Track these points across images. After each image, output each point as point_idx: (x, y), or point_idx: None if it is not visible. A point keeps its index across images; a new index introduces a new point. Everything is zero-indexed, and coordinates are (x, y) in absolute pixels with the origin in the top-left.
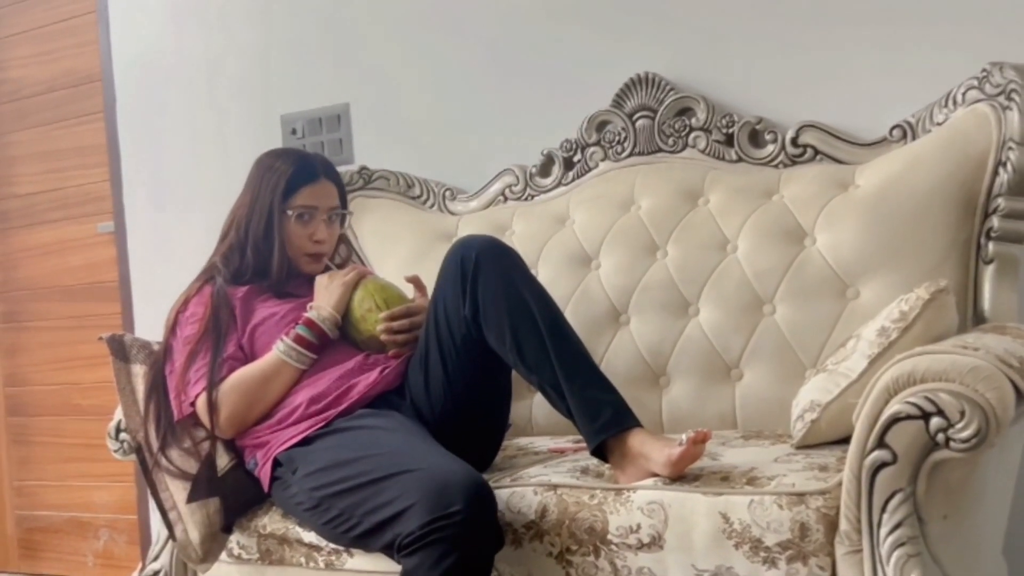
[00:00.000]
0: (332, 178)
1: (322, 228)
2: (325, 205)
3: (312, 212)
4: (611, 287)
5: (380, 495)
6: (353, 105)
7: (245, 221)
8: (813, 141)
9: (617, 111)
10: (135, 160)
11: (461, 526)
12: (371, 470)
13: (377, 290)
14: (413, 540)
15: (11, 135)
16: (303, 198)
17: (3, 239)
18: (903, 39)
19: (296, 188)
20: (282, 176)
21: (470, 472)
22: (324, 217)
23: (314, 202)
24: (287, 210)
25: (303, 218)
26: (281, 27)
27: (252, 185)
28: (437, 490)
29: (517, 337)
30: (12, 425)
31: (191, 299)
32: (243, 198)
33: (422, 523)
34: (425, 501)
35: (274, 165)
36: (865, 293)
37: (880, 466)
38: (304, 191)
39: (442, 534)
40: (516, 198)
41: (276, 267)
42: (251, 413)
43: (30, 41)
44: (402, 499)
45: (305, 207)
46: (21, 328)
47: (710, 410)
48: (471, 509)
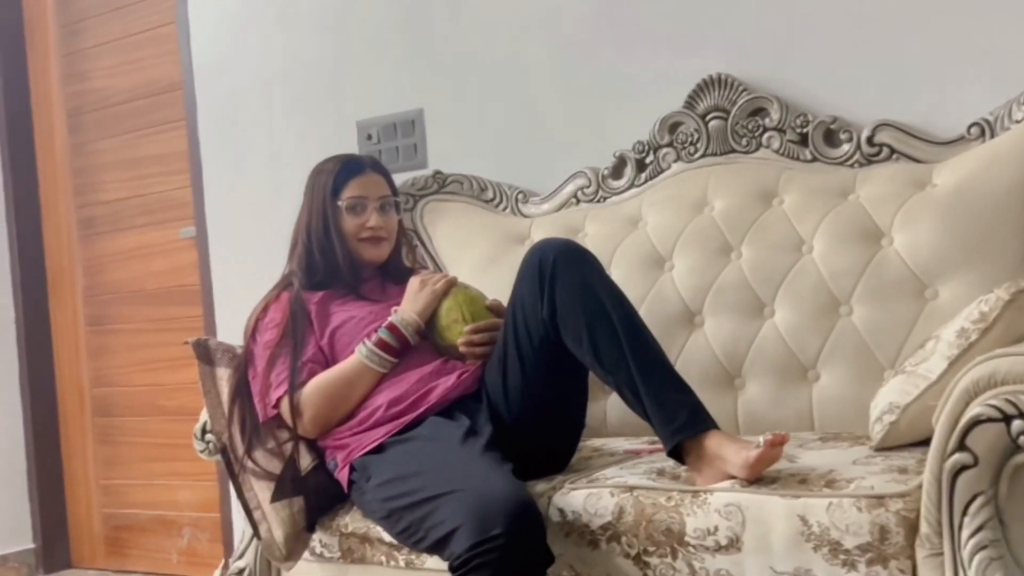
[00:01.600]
0: (379, 170)
1: (375, 216)
2: (375, 194)
3: (362, 202)
4: (685, 288)
5: (435, 514)
6: (427, 110)
7: (306, 226)
8: (889, 140)
9: (690, 112)
10: (215, 166)
11: (503, 550)
12: (428, 486)
13: (466, 302)
14: (461, 563)
15: (97, 143)
16: (351, 190)
17: (89, 244)
18: (980, 36)
19: (344, 182)
20: (330, 175)
21: (514, 492)
22: (375, 205)
23: (363, 192)
24: (339, 204)
25: (355, 209)
26: (356, 34)
27: (307, 192)
28: (480, 513)
29: (594, 338)
30: (98, 425)
31: (270, 305)
32: (302, 206)
33: (467, 547)
34: (469, 524)
35: (323, 168)
36: (944, 293)
37: (961, 469)
38: (352, 183)
39: (485, 558)
40: (588, 200)
41: (342, 262)
42: (334, 414)
43: (113, 52)
44: (451, 520)
45: (355, 197)
46: (106, 331)
47: (787, 412)
48: (513, 531)
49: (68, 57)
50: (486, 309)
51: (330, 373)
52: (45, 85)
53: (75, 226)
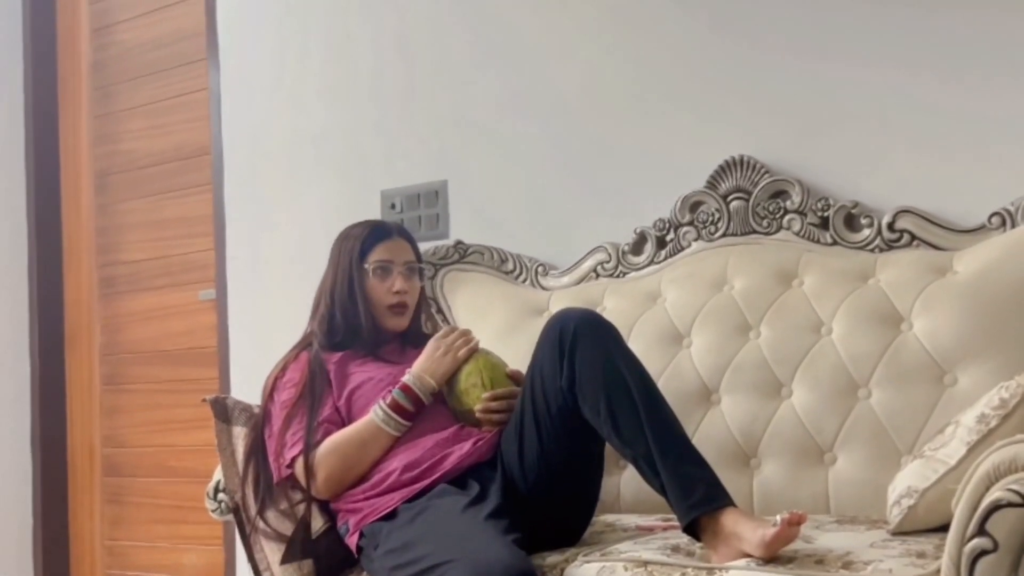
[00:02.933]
0: (405, 236)
1: (400, 280)
2: (400, 259)
3: (388, 266)
4: (703, 366)
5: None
6: (451, 181)
7: (331, 287)
8: (910, 226)
9: (711, 192)
10: (239, 230)
11: None
12: (429, 554)
13: (487, 367)
14: None
15: (122, 204)
16: (378, 254)
17: (109, 303)
18: (1001, 125)
19: (371, 247)
20: (357, 239)
21: (515, 560)
22: (401, 270)
23: (389, 256)
24: (365, 266)
25: (380, 273)
26: (383, 104)
27: (333, 255)
28: None
29: (612, 409)
30: (107, 485)
31: (289, 364)
32: (328, 269)
33: None
34: None
35: (351, 233)
36: (963, 380)
37: (980, 554)
38: (378, 248)
39: None
40: (608, 275)
41: (364, 323)
42: (348, 475)
43: (144, 115)
44: None
45: (381, 261)
46: (121, 390)
47: (803, 493)
48: None
49: (99, 119)
50: (506, 377)
51: (344, 434)
52: (75, 145)
53: (96, 285)
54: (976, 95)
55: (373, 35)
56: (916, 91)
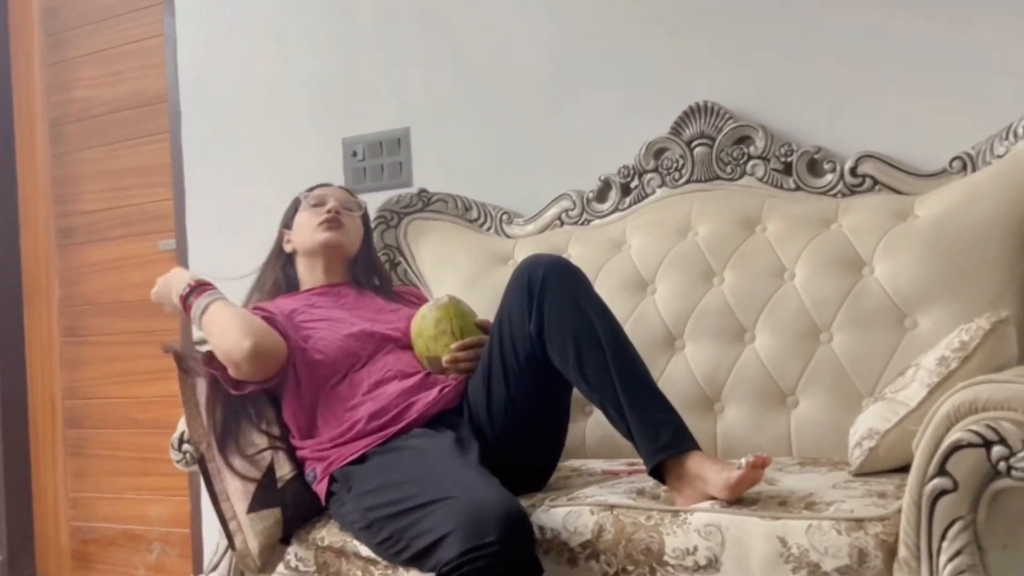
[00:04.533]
0: (346, 190)
1: (333, 203)
2: (335, 194)
3: (322, 198)
4: (667, 312)
5: (424, 521)
6: (413, 129)
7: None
8: (872, 171)
9: (675, 138)
10: (197, 180)
11: (495, 557)
12: (416, 494)
13: (457, 315)
14: (451, 570)
15: (77, 153)
16: (313, 193)
17: (66, 255)
18: (963, 70)
19: (312, 190)
20: (298, 196)
21: (507, 501)
22: (337, 200)
23: (323, 192)
24: (301, 205)
25: (316, 206)
26: (344, 52)
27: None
28: (474, 519)
29: (580, 355)
30: (69, 437)
31: None
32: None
33: (459, 552)
34: (462, 530)
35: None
36: (923, 323)
37: (940, 493)
38: (316, 190)
39: (477, 564)
40: (573, 222)
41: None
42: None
43: (98, 62)
44: (441, 526)
45: (315, 195)
46: (81, 342)
47: (765, 436)
48: (506, 539)
49: (52, 67)
50: (476, 326)
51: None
52: (28, 94)
53: (53, 236)
54: (938, 40)
55: None
56: (879, 36)
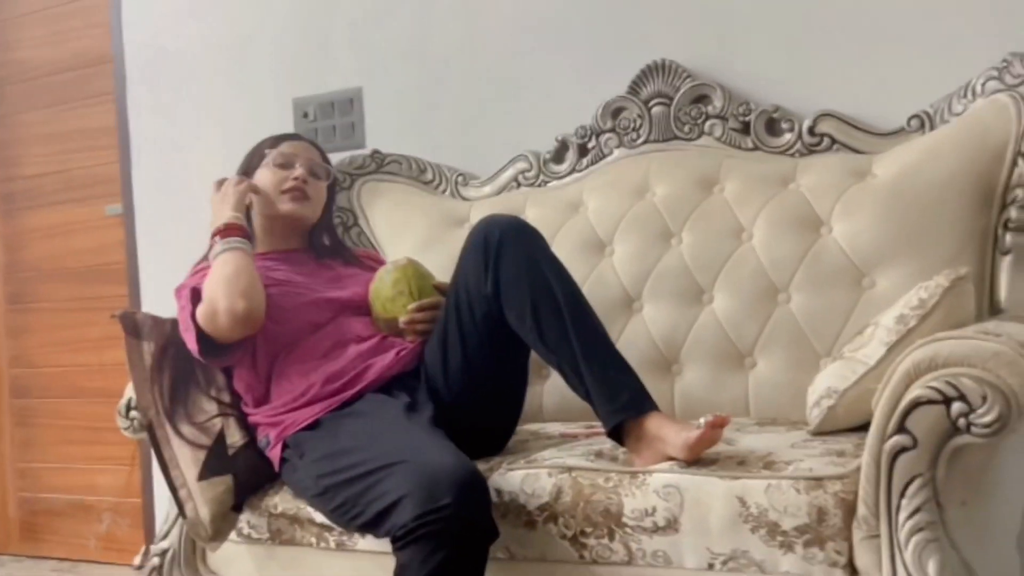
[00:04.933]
0: (313, 144)
1: (301, 171)
2: (305, 155)
3: (291, 159)
4: (625, 273)
5: (378, 485)
6: (366, 89)
7: None
8: (830, 130)
9: (632, 98)
10: (144, 143)
11: (450, 520)
12: (370, 459)
13: (415, 276)
14: (405, 533)
15: (19, 115)
16: (282, 149)
17: (9, 220)
18: (921, 29)
19: (275, 145)
20: (263, 142)
21: (462, 464)
22: (305, 164)
23: (292, 151)
24: (266, 159)
25: (283, 166)
26: (293, 10)
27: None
28: (428, 483)
29: (538, 316)
30: (16, 407)
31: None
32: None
33: (413, 516)
34: (416, 493)
35: (258, 143)
36: (881, 282)
37: (900, 451)
38: (283, 145)
39: (432, 528)
40: (529, 184)
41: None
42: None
43: (41, 22)
44: (395, 491)
45: (283, 153)
46: (26, 310)
47: (723, 397)
48: (461, 502)
49: None
50: (433, 288)
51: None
52: None
53: None
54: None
55: None
56: None
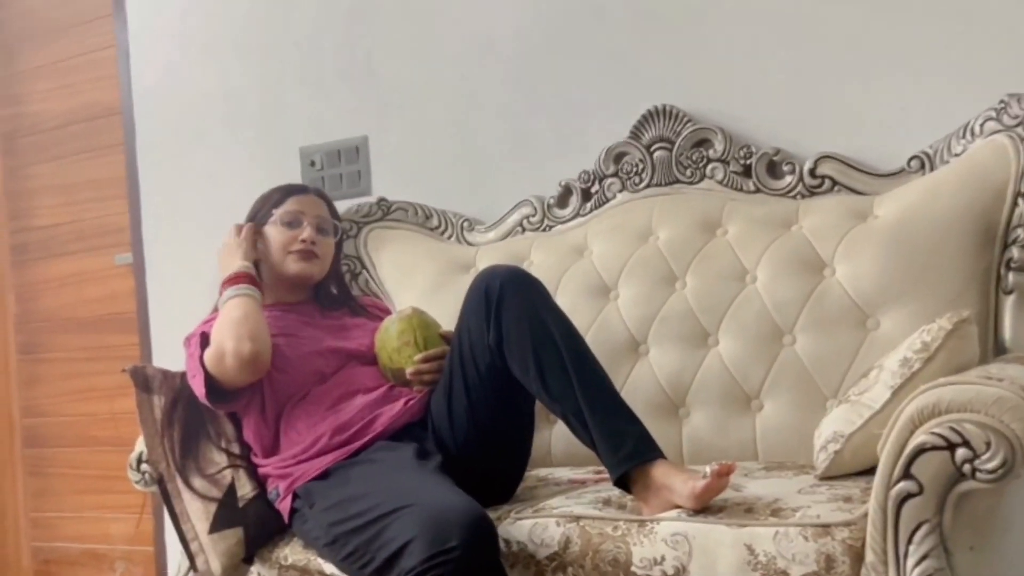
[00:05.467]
0: (322, 196)
1: (309, 231)
2: (312, 212)
3: (298, 216)
4: (630, 317)
5: (386, 531)
6: (371, 137)
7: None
8: (831, 172)
9: (635, 143)
10: (153, 192)
11: (459, 562)
12: (378, 505)
13: (420, 326)
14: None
15: (31, 167)
16: (289, 205)
17: (22, 271)
18: (920, 71)
19: (282, 200)
20: (271, 195)
21: (470, 506)
22: (313, 223)
23: (300, 207)
24: (272, 216)
25: (291, 225)
26: (299, 60)
27: (248, 215)
28: (435, 525)
29: (541, 366)
30: (29, 457)
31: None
32: None
33: (421, 559)
34: (424, 536)
35: (266, 193)
36: (885, 324)
37: (906, 497)
38: (290, 200)
39: (441, 570)
40: (534, 229)
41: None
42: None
43: (50, 75)
44: (403, 534)
45: (291, 211)
46: (39, 360)
47: (731, 440)
48: (469, 544)
49: (3, 80)
50: (440, 337)
51: (219, 320)
52: None
53: (7, 252)
54: (894, 40)
55: None
56: (834, 37)
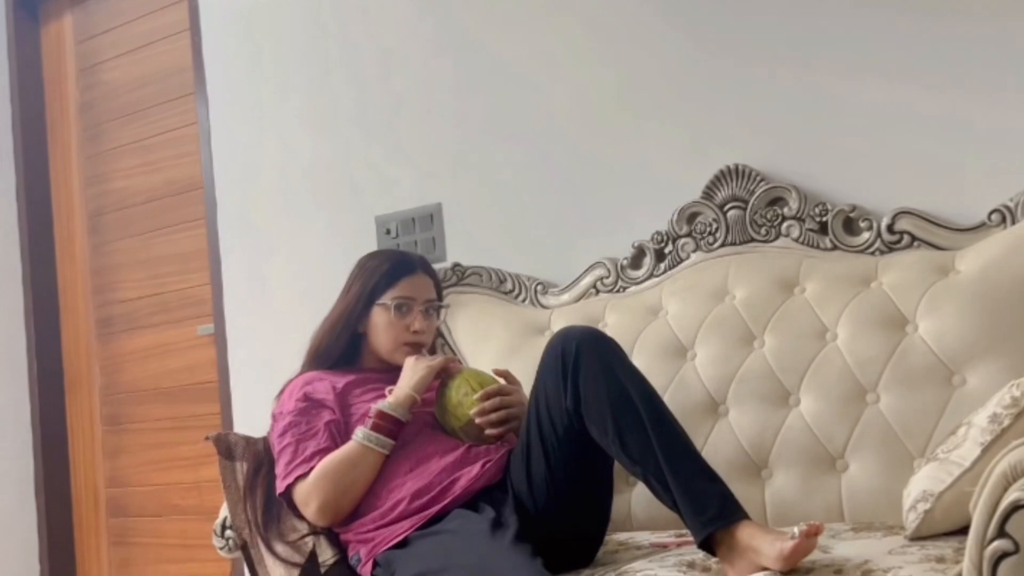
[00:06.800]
0: (429, 272)
1: (419, 319)
2: (422, 297)
3: (409, 303)
4: (708, 377)
5: None
6: (445, 204)
7: (343, 313)
8: (909, 227)
9: (708, 203)
10: (234, 264)
11: None
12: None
13: (473, 376)
14: None
15: (116, 243)
16: (400, 290)
17: (107, 343)
18: (998, 122)
19: (394, 281)
20: (379, 270)
21: None
22: (421, 308)
23: (411, 293)
24: (385, 301)
25: (401, 309)
26: (373, 130)
27: (349, 283)
28: None
29: (620, 428)
30: (113, 526)
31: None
32: (342, 294)
33: None
34: None
35: (370, 264)
36: (972, 380)
37: (1002, 556)
38: (401, 283)
39: None
40: (608, 290)
41: (371, 355)
42: (343, 500)
43: (134, 153)
44: None
45: (403, 298)
46: (123, 430)
47: (816, 502)
48: None
49: (90, 159)
50: (493, 380)
51: (333, 457)
52: (66, 186)
53: (93, 325)
54: (971, 93)
55: (356, 62)
56: (909, 92)
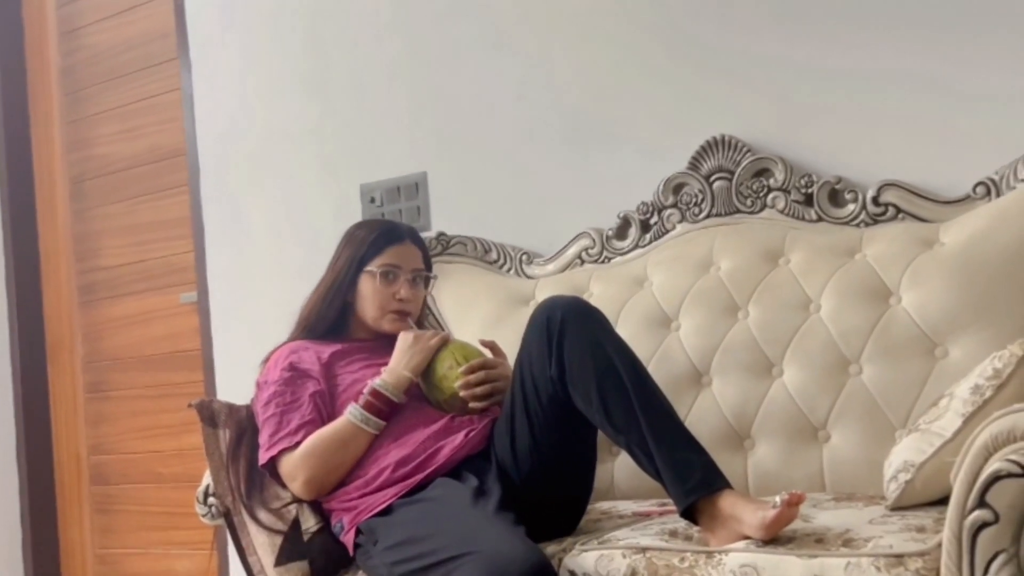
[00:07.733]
0: (418, 243)
1: (406, 287)
2: (409, 265)
3: (395, 271)
4: (692, 348)
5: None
6: (431, 173)
7: (331, 283)
8: (894, 199)
9: (694, 173)
10: (217, 231)
11: None
12: (440, 548)
13: (457, 349)
14: None
15: (98, 209)
16: (387, 257)
17: (89, 310)
18: (984, 95)
19: (381, 249)
20: (367, 239)
21: (532, 554)
22: (408, 277)
23: (398, 261)
24: (372, 268)
25: (387, 277)
26: (358, 98)
27: (337, 253)
28: (498, 574)
29: (604, 397)
30: (95, 494)
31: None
32: (330, 265)
33: None
34: None
35: (359, 233)
36: (954, 352)
37: (981, 526)
38: (388, 251)
39: None
40: (593, 261)
41: (358, 323)
42: (330, 477)
43: (116, 119)
44: None
45: (389, 265)
46: (105, 398)
47: (798, 472)
48: None
49: (71, 124)
50: (480, 354)
51: (323, 435)
52: (48, 152)
53: (75, 292)
54: (956, 65)
55: (345, 29)
56: (896, 63)
